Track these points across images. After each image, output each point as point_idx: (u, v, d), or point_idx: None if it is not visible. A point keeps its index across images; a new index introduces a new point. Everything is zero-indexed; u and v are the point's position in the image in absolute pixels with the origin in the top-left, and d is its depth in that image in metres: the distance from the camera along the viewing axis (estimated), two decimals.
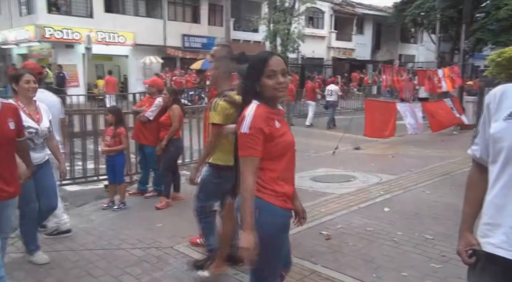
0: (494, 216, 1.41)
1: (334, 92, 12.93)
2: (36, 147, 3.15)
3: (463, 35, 11.54)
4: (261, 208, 1.86)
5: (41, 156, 3.22)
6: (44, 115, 3.23)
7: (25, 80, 3.13)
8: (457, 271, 2.95)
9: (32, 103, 3.21)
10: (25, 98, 3.16)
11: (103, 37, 19.36)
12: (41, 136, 3.17)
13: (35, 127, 3.10)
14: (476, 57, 26.51)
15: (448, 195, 4.92)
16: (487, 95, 1.52)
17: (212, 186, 2.96)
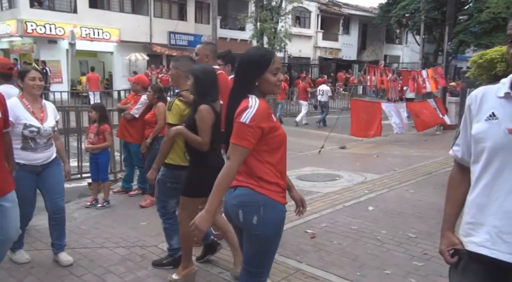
0: (476, 216, 1.43)
1: (325, 92, 13.02)
2: (38, 147, 3.02)
3: (447, 37, 11.74)
4: (266, 205, 1.90)
5: (45, 156, 3.08)
6: (49, 114, 3.12)
7: (30, 77, 3.03)
8: (439, 269, 3.00)
9: (37, 101, 3.10)
10: (30, 95, 3.05)
11: (88, 33, 19.08)
12: (44, 136, 3.03)
13: (37, 126, 2.98)
14: (459, 58, 27.04)
15: (431, 194, 5.00)
16: (468, 97, 1.53)
17: (168, 186, 2.95)
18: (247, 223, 1.91)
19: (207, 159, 2.72)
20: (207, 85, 2.72)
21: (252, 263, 2.00)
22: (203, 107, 2.65)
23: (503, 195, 1.35)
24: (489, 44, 18.64)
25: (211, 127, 2.67)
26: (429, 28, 25.79)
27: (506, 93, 1.39)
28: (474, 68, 5.98)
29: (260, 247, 1.97)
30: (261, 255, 2.00)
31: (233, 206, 1.93)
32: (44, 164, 3.07)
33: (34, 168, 3.03)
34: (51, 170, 3.14)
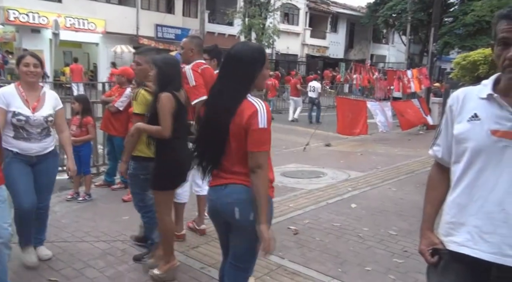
0: (457, 215, 1.44)
1: (316, 89, 13.09)
2: (31, 137, 2.86)
3: (432, 38, 11.89)
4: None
5: (39, 147, 2.90)
6: (46, 104, 2.93)
7: (24, 63, 2.84)
8: (418, 266, 3.05)
9: (34, 89, 2.91)
10: (26, 83, 2.87)
11: (72, 23, 18.68)
12: (35, 126, 2.85)
13: (26, 115, 2.80)
14: (443, 60, 27.46)
15: (413, 193, 5.07)
16: (450, 97, 1.54)
17: (142, 178, 2.92)
18: (244, 220, 1.90)
19: (172, 150, 2.73)
20: (169, 75, 2.74)
21: (244, 258, 2.03)
22: (163, 95, 2.67)
23: (484, 195, 1.37)
24: (473, 46, 18.98)
25: (172, 115, 2.66)
26: (415, 29, 26.14)
27: (489, 95, 1.40)
28: (457, 70, 6.09)
29: (253, 243, 1.98)
30: (252, 250, 2.02)
31: (227, 204, 1.91)
32: (39, 154, 2.91)
33: (28, 158, 2.87)
34: (46, 165, 2.98)
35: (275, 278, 2.92)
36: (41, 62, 2.91)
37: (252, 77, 1.91)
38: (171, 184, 2.80)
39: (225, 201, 1.92)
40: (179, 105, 2.73)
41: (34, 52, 3.20)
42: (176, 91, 2.73)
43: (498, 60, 1.37)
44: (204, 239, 3.55)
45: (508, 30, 1.32)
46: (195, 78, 3.24)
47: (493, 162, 1.36)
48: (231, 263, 2.04)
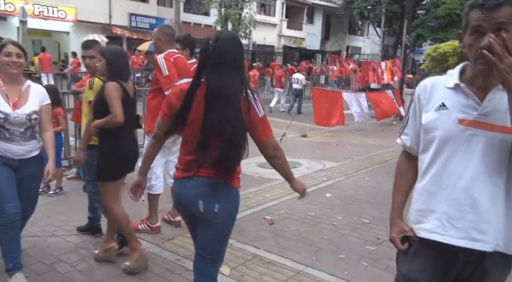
0: (426, 203, 1.46)
1: (300, 81, 13.15)
2: (13, 137, 2.53)
3: (405, 30, 12.09)
4: (227, 192, 1.92)
5: (22, 149, 2.58)
6: (30, 99, 2.60)
7: (5, 52, 2.51)
8: (390, 252, 3.12)
9: (16, 83, 2.58)
10: (6, 75, 2.55)
11: (41, 11, 18.03)
12: (16, 125, 2.52)
13: (5, 112, 2.48)
14: (416, 52, 28.04)
15: (385, 181, 5.18)
16: (417, 87, 1.56)
17: (94, 166, 2.91)
18: (209, 212, 1.88)
19: (116, 140, 2.78)
20: (117, 66, 2.80)
21: (211, 250, 2.00)
22: (109, 83, 2.73)
23: (453, 182, 1.40)
24: (444, 39, 19.46)
25: (121, 102, 2.71)
26: (389, 21, 26.55)
27: (456, 84, 1.42)
28: (428, 61, 6.24)
29: (220, 234, 1.99)
30: (220, 241, 2.03)
31: (191, 197, 1.88)
32: (21, 158, 2.58)
33: (9, 161, 2.54)
34: (30, 170, 2.63)
35: (251, 268, 2.93)
36: (24, 52, 2.59)
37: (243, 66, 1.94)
38: (114, 174, 2.84)
39: (189, 194, 1.89)
40: (126, 96, 2.78)
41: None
42: (123, 82, 2.78)
43: (469, 50, 1.37)
44: (179, 231, 3.53)
45: (482, 19, 1.30)
46: (168, 67, 3.17)
47: (461, 150, 1.39)
48: (198, 254, 2.03)
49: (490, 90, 1.36)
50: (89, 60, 3.32)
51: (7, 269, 2.60)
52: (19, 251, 2.64)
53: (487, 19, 1.30)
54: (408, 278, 1.52)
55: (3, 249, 2.61)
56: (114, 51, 2.88)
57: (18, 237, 2.63)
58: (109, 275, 2.81)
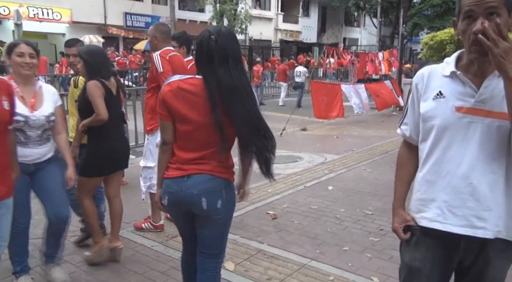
0: (427, 192, 1.47)
1: (302, 74, 13.17)
2: (29, 141, 2.44)
3: (402, 19, 12.04)
4: (226, 188, 1.95)
5: (38, 153, 2.49)
6: (45, 101, 2.50)
7: (17, 52, 2.40)
8: (394, 243, 3.13)
9: (29, 84, 2.49)
10: (19, 76, 2.44)
11: (36, 13, 17.94)
12: (35, 127, 2.43)
13: (24, 115, 2.38)
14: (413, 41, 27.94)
15: (387, 172, 5.19)
16: (415, 76, 1.55)
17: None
18: (211, 209, 1.88)
19: (102, 138, 2.83)
20: (95, 64, 2.83)
21: (213, 246, 2.01)
22: (90, 83, 2.76)
23: (452, 171, 1.40)
24: (441, 27, 19.35)
25: (103, 99, 2.74)
26: (385, 11, 26.40)
27: (452, 72, 1.42)
28: (425, 50, 6.22)
29: (221, 230, 2.01)
30: (221, 237, 2.04)
31: (193, 195, 1.86)
32: (37, 162, 2.49)
33: (24, 166, 2.40)
34: (48, 171, 2.54)
35: (255, 263, 2.94)
36: (37, 52, 2.49)
37: None
38: (96, 171, 2.89)
39: (190, 192, 1.85)
40: (108, 94, 2.81)
41: None
42: (104, 80, 2.81)
43: (463, 36, 1.36)
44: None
45: (474, 3, 1.30)
46: (163, 64, 3.19)
47: (459, 138, 1.39)
48: (201, 252, 2.02)
49: (487, 76, 1.36)
50: (72, 58, 3.30)
51: (15, 271, 2.61)
52: (26, 255, 2.64)
53: (478, 3, 1.29)
54: (411, 267, 1.53)
55: (12, 252, 2.59)
56: (91, 51, 2.89)
57: (26, 242, 2.61)
58: (114, 274, 2.83)
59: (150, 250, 3.17)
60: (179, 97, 1.81)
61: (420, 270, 1.50)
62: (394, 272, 2.71)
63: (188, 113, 1.81)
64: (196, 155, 1.86)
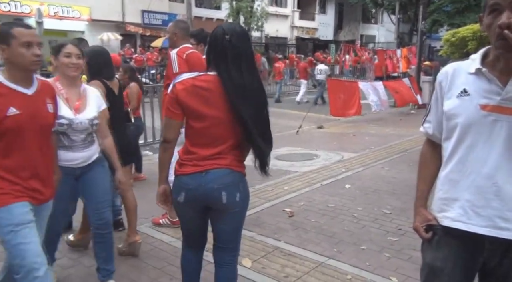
0: (450, 191, 1.45)
1: (323, 71, 13.16)
2: (74, 145, 2.37)
3: (421, 16, 11.83)
4: (243, 181, 1.97)
5: (83, 156, 2.42)
6: (89, 103, 2.44)
7: (65, 53, 2.35)
8: (413, 243, 3.10)
9: (75, 86, 2.43)
10: (65, 77, 2.39)
11: (56, 12, 18.28)
12: (78, 131, 2.36)
13: (68, 117, 2.30)
14: (433, 38, 27.41)
15: (405, 171, 5.12)
16: (439, 73, 1.52)
17: None
18: (230, 202, 1.90)
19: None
20: (96, 65, 2.88)
21: (230, 239, 2.04)
22: (91, 82, 2.79)
23: (476, 170, 1.37)
24: (461, 24, 18.92)
25: (105, 99, 2.74)
26: (404, 7, 25.95)
27: (477, 69, 1.39)
28: (446, 47, 6.09)
29: (238, 223, 2.03)
30: (238, 230, 2.07)
31: (214, 190, 1.87)
32: (82, 166, 2.44)
33: (69, 171, 2.38)
34: (94, 173, 2.49)
35: (272, 260, 2.95)
36: (82, 53, 2.46)
37: None
38: None
39: (210, 186, 1.86)
40: (110, 93, 2.83)
41: None
42: (107, 80, 2.84)
43: (488, 31, 1.33)
44: None
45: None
46: (179, 64, 3.22)
47: (484, 137, 1.36)
48: (219, 246, 2.05)
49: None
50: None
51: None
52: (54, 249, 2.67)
53: None
54: (433, 267, 1.51)
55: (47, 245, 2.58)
56: (93, 52, 2.94)
57: (55, 248, 2.66)
58: (133, 268, 2.87)
59: (168, 245, 3.21)
60: (193, 94, 1.83)
61: (442, 270, 1.48)
62: (413, 273, 2.70)
63: (204, 109, 1.82)
64: (214, 150, 1.87)
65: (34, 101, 1.91)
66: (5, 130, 1.81)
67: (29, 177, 1.91)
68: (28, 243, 1.84)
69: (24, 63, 1.84)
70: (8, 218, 1.83)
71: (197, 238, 2.11)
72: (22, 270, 1.82)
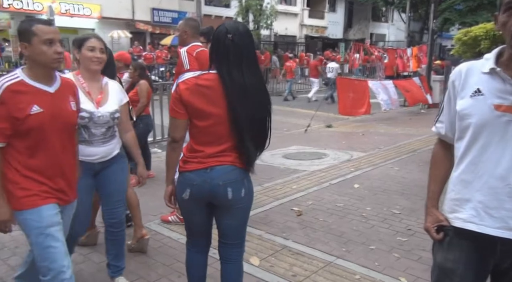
0: (462, 192, 1.43)
1: (334, 70, 13.13)
2: (94, 140, 2.33)
3: (432, 14, 11.69)
4: (247, 177, 1.99)
5: (103, 151, 2.39)
6: (111, 97, 2.41)
7: (88, 46, 2.33)
8: (422, 244, 3.08)
9: (96, 80, 2.41)
10: (88, 71, 2.37)
11: (67, 9, 18.43)
12: (99, 125, 2.33)
13: (89, 111, 2.27)
14: (444, 37, 27.14)
15: (415, 171, 5.08)
16: (452, 73, 1.51)
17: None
18: (236, 198, 1.91)
19: None
20: None
21: (235, 235, 2.06)
22: None
23: (489, 171, 1.36)
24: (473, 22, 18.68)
25: None
26: (414, 6, 25.69)
27: (491, 69, 1.37)
28: (458, 46, 6.01)
29: (243, 218, 2.04)
30: (243, 226, 2.08)
31: (219, 186, 1.88)
32: (102, 161, 2.40)
33: (89, 166, 2.34)
34: (112, 171, 2.45)
35: (280, 259, 2.94)
36: (106, 47, 2.45)
37: None
38: None
39: (215, 183, 1.87)
40: None
41: None
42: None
43: (503, 29, 1.32)
44: None
45: None
46: (190, 62, 3.23)
47: (497, 137, 1.35)
48: (224, 243, 2.06)
49: None
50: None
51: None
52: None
53: None
54: (443, 268, 1.50)
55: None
56: None
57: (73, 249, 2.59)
58: (142, 265, 2.89)
59: (176, 242, 3.22)
60: (196, 93, 1.84)
61: (453, 271, 1.47)
62: (423, 273, 2.68)
63: (207, 108, 1.84)
64: (219, 148, 1.88)
65: (57, 99, 1.90)
66: (29, 129, 1.80)
67: (55, 176, 1.91)
68: (57, 247, 1.84)
69: (46, 61, 1.82)
70: (38, 220, 1.83)
71: (201, 236, 2.11)
72: (50, 273, 1.83)
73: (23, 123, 1.78)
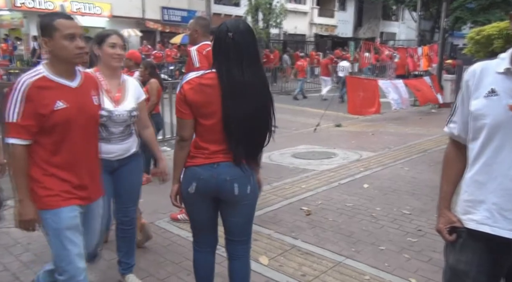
0: (475, 193, 1.42)
1: (345, 69, 13.09)
2: (112, 138, 2.33)
3: (443, 13, 11.56)
4: (253, 174, 1.99)
5: (121, 149, 2.38)
6: (129, 94, 2.38)
7: (109, 43, 2.31)
8: (433, 245, 3.05)
9: (115, 77, 2.38)
10: (107, 68, 2.35)
11: (78, 8, 18.61)
12: (118, 123, 2.32)
13: (108, 109, 2.26)
14: (455, 36, 26.80)
15: (426, 172, 5.03)
16: (466, 72, 1.49)
17: None
18: (242, 194, 1.92)
19: None
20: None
21: (241, 232, 2.06)
22: None
23: (503, 172, 1.35)
24: (486, 21, 18.43)
25: None
26: (425, 4, 25.41)
27: (506, 69, 1.36)
28: (471, 45, 5.94)
29: (249, 215, 2.05)
30: (249, 223, 2.08)
31: (226, 181, 1.89)
32: (120, 158, 2.39)
33: (107, 163, 2.30)
34: (129, 170, 2.45)
35: (289, 259, 2.94)
36: (126, 44, 2.41)
37: None
38: None
39: (222, 178, 1.88)
40: None
41: None
42: None
43: None
44: None
45: None
46: (200, 60, 3.24)
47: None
48: (231, 239, 2.07)
49: None
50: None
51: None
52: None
53: None
54: (456, 270, 1.48)
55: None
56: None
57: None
58: (152, 263, 2.91)
59: (185, 240, 3.23)
60: (200, 93, 1.85)
61: (466, 273, 1.45)
62: (434, 275, 2.66)
63: (211, 107, 1.85)
64: (223, 146, 1.89)
65: (80, 94, 1.88)
66: (54, 125, 1.79)
67: (79, 171, 1.89)
68: (74, 249, 1.85)
69: (68, 56, 1.79)
70: (57, 221, 1.83)
71: (207, 234, 2.10)
72: (65, 274, 1.85)
73: (48, 120, 1.77)
